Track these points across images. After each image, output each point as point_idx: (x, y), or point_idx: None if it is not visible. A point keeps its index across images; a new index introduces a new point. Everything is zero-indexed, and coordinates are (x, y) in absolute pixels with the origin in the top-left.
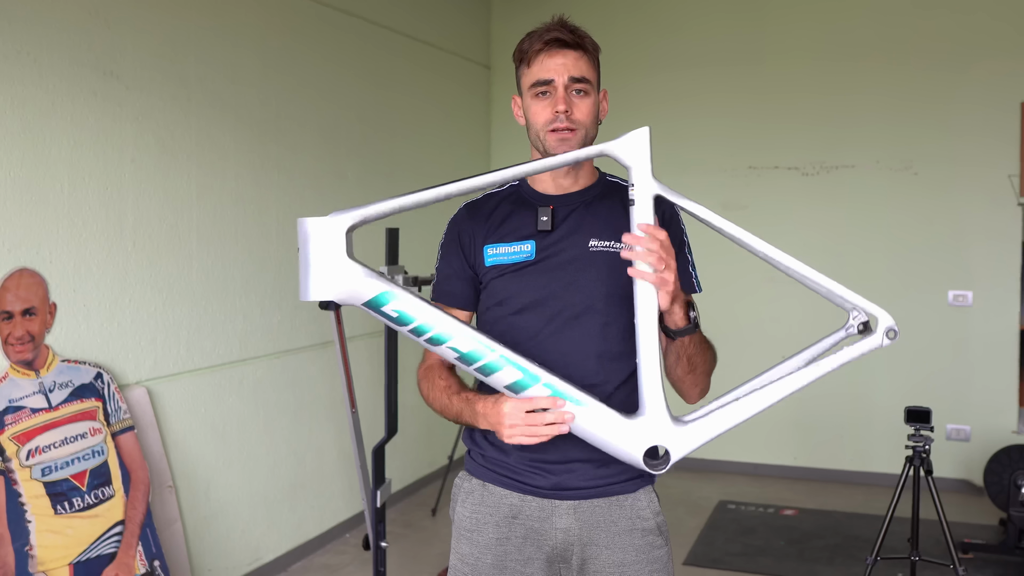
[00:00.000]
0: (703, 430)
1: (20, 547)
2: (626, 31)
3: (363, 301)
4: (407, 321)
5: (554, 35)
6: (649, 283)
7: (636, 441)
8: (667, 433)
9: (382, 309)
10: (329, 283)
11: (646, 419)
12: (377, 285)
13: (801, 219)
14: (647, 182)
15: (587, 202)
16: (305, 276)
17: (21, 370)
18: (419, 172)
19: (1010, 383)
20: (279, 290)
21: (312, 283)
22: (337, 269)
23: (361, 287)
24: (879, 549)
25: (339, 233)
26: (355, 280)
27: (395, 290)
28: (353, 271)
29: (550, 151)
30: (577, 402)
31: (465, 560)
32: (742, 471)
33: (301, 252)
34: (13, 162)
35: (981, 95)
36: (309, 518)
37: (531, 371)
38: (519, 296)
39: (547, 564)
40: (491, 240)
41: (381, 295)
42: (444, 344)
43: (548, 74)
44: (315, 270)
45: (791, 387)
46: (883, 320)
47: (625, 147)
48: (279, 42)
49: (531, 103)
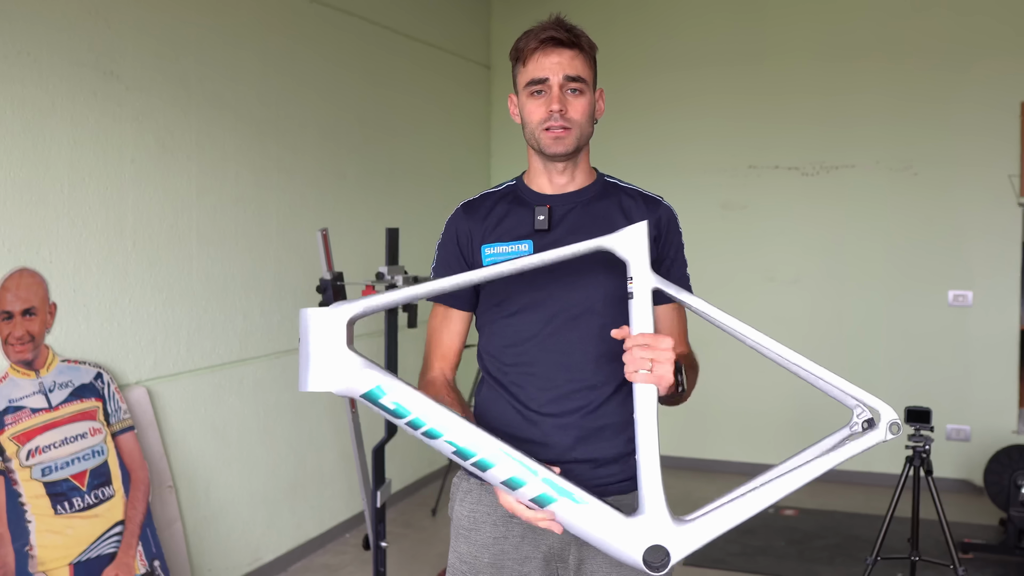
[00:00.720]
0: (704, 530)
1: (20, 547)
2: (626, 31)
3: (360, 394)
4: (403, 414)
5: (549, 33)
6: (648, 384)
7: (635, 542)
8: (667, 533)
9: (379, 402)
10: (328, 375)
11: (646, 519)
12: (373, 378)
13: (801, 219)
14: (646, 276)
15: (585, 202)
16: (305, 366)
17: (21, 370)
18: (419, 172)
19: (1010, 383)
20: (279, 290)
21: (311, 374)
22: (337, 361)
23: (358, 380)
24: (879, 549)
25: (340, 324)
26: (353, 373)
27: (391, 382)
28: (351, 363)
29: (544, 149)
30: (576, 500)
31: (463, 559)
32: (742, 471)
33: (302, 342)
34: (13, 162)
35: (981, 95)
36: (309, 518)
37: (529, 465)
38: (517, 297)
39: (544, 563)
40: (488, 239)
41: (376, 388)
42: (440, 438)
43: (543, 72)
44: (315, 361)
45: (795, 483)
46: (885, 414)
47: (623, 241)
48: (279, 42)
49: (526, 101)
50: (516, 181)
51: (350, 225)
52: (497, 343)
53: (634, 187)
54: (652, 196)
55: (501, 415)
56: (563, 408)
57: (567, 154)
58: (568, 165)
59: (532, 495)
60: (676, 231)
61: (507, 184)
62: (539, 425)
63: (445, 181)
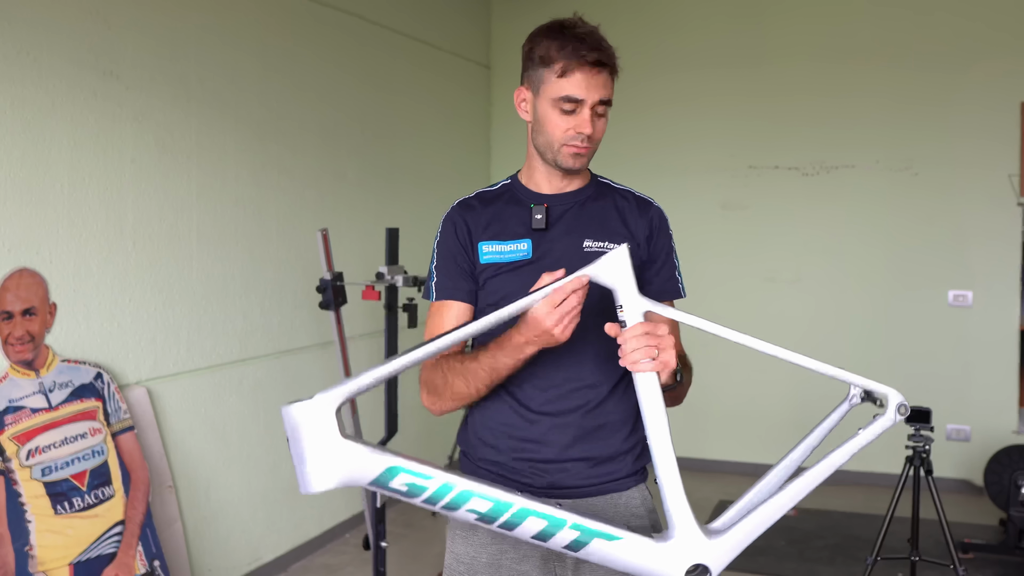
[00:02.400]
0: (739, 539)
1: (20, 547)
2: (627, 32)
3: (368, 481)
4: (418, 491)
5: (597, 56)
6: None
7: (675, 566)
8: (703, 549)
9: (390, 485)
10: (330, 471)
11: (679, 540)
12: (381, 461)
13: (801, 219)
14: (634, 300)
15: (581, 203)
16: (301, 467)
17: (21, 370)
18: (419, 172)
19: (1010, 383)
20: (279, 290)
21: (311, 474)
22: (335, 454)
23: (363, 469)
24: (879, 549)
25: (328, 415)
26: (356, 462)
27: (400, 462)
28: (353, 453)
29: (561, 164)
30: (610, 537)
31: (460, 559)
32: (742, 471)
33: (292, 443)
34: (13, 162)
35: (981, 95)
36: (309, 518)
37: (556, 516)
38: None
39: (542, 562)
40: (486, 237)
41: (387, 471)
42: (462, 507)
43: (582, 93)
44: (311, 460)
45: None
46: (893, 398)
47: (606, 269)
48: (279, 42)
49: (551, 113)
50: (511, 180)
51: (350, 225)
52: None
53: (626, 188)
54: (644, 197)
55: (498, 414)
56: (562, 407)
57: (581, 169)
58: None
59: (565, 543)
60: (667, 232)
61: (502, 183)
62: (537, 424)
63: (445, 181)
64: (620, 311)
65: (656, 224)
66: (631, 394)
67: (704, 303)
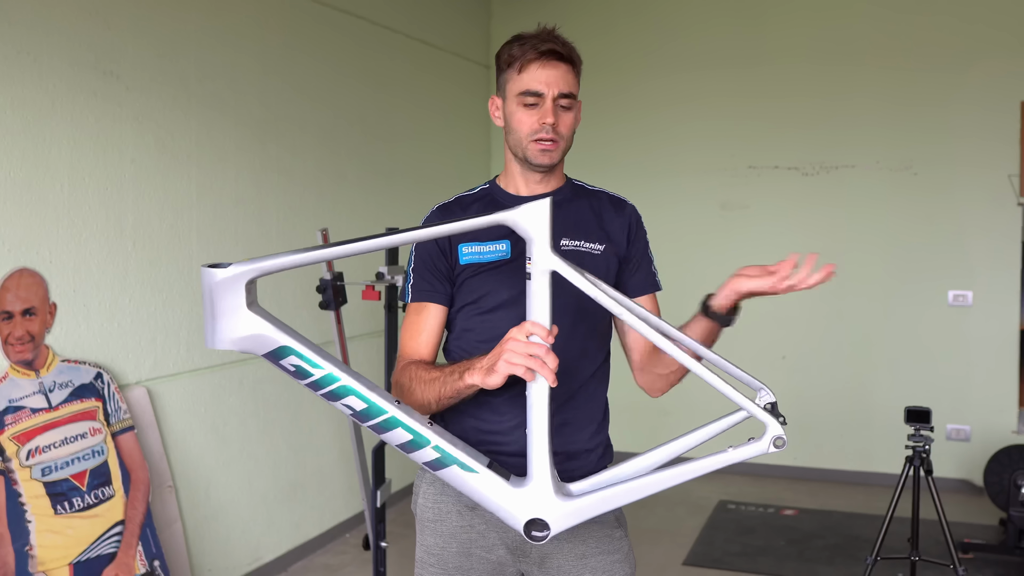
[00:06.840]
0: (587, 506)
1: (20, 547)
2: (626, 34)
3: (263, 353)
4: (305, 375)
5: (550, 47)
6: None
7: (520, 510)
8: (550, 506)
9: (280, 363)
10: (232, 334)
11: (531, 490)
12: (278, 339)
13: (801, 219)
14: (546, 257)
15: (557, 203)
16: (210, 324)
17: (21, 370)
18: (419, 172)
19: (1010, 383)
20: (279, 290)
21: (216, 332)
22: (239, 321)
23: (261, 340)
24: (879, 549)
25: (239, 285)
26: (256, 332)
27: (295, 345)
28: (255, 324)
29: (531, 159)
30: (467, 467)
31: (431, 551)
32: (742, 471)
33: (205, 301)
34: (13, 162)
35: (980, 95)
36: (309, 518)
37: (422, 434)
38: (495, 294)
39: (510, 553)
40: (465, 239)
41: (280, 348)
42: (340, 400)
43: (540, 86)
44: (219, 320)
45: (685, 476)
46: (772, 429)
47: (526, 217)
48: (278, 42)
49: (516, 110)
50: (490, 184)
51: (350, 225)
52: (471, 339)
53: (600, 189)
54: (617, 197)
55: (469, 408)
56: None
57: (551, 165)
58: (546, 172)
59: (427, 460)
60: (642, 230)
61: (481, 187)
62: (507, 418)
63: (445, 181)
64: (529, 263)
65: (634, 223)
66: (598, 394)
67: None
